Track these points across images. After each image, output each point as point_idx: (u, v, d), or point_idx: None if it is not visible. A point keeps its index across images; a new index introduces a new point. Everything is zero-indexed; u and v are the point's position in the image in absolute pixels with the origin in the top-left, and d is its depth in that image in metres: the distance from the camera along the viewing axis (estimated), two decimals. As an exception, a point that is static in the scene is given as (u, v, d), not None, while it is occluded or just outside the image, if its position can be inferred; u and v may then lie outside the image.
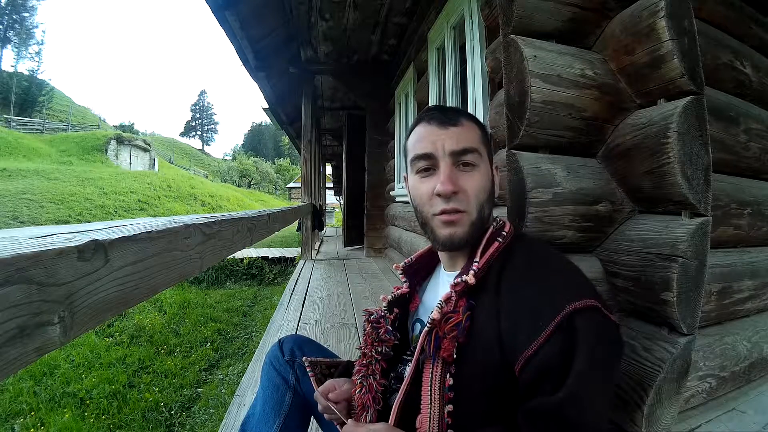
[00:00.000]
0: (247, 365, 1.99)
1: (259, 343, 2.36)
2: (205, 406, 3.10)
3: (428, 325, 0.62)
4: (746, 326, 1.21)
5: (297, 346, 0.91)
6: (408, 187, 0.74)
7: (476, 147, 0.68)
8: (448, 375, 0.60)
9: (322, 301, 2.99)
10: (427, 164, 0.68)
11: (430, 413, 0.60)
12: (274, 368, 0.89)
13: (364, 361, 0.74)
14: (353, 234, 6.07)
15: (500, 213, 0.83)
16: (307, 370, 0.82)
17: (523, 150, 0.97)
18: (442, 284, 0.75)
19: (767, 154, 1.30)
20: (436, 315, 0.61)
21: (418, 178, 0.70)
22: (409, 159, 0.72)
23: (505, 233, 0.68)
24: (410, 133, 0.73)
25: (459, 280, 0.63)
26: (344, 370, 0.85)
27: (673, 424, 0.88)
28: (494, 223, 0.70)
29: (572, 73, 0.97)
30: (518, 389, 0.56)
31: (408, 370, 0.66)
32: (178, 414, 3.09)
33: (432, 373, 0.61)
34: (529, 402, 0.54)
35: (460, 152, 0.66)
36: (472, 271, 0.62)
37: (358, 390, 0.72)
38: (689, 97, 0.85)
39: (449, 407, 0.59)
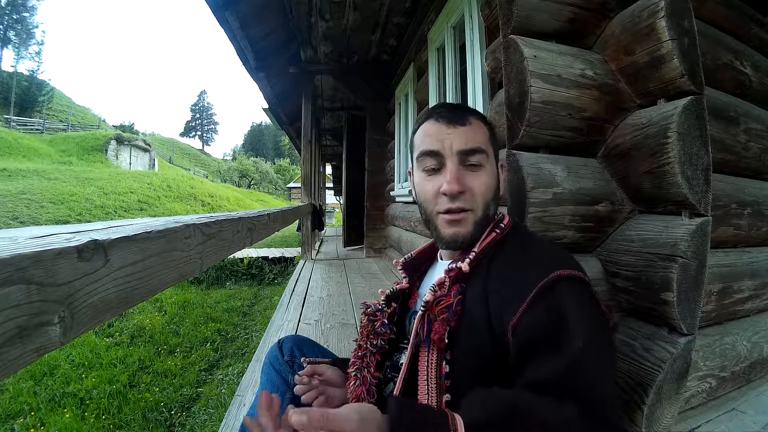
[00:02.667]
0: (247, 365, 1.99)
1: (259, 343, 2.36)
2: (205, 406, 3.10)
3: (422, 308, 0.62)
4: (746, 326, 1.21)
5: (297, 347, 0.91)
6: (413, 182, 0.74)
7: (483, 147, 0.68)
8: (444, 362, 0.60)
9: (322, 301, 2.99)
10: (434, 162, 0.68)
11: (428, 403, 0.59)
12: (274, 368, 0.89)
13: (359, 353, 0.74)
14: (353, 234, 6.06)
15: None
16: (307, 370, 0.82)
17: (523, 150, 0.97)
18: (438, 274, 0.75)
19: (767, 154, 1.30)
20: (429, 297, 0.62)
21: (424, 175, 0.69)
22: (415, 155, 0.71)
23: (503, 225, 0.69)
24: (417, 128, 0.73)
25: (453, 266, 0.64)
26: (340, 366, 0.84)
27: (673, 424, 0.88)
28: (495, 217, 0.71)
29: (572, 74, 0.97)
30: (510, 363, 0.54)
31: (405, 359, 0.65)
32: (178, 414, 3.08)
33: (428, 361, 0.61)
34: (531, 369, 0.50)
35: (468, 152, 0.66)
36: (467, 259, 0.63)
37: (352, 382, 0.72)
38: (689, 97, 0.85)
39: (447, 396, 0.59)
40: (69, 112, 35.08)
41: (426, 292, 0.77)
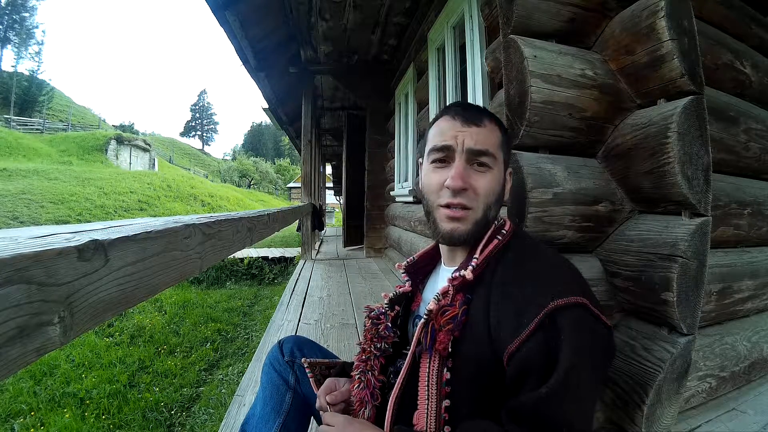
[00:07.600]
0: (247, 365, 1.99)
1: (259, 343, 2.36)
2: (205, 406, 3.10)
3: (425, 317, 0.62)
4: (746, 326, 1.21)
5: (297, 347, 0.91)
6: (420, 174, 0.75)
7: (493, 151, 0.68)
8: (445, 369, 0.60)
9: (322, 301, 2.99)
10: (443, 156, 0.68)
11: (427, 409, 0.60)
12: (275, 369, 0.89)
13: (363, 357, 0.74)
14: (353, 234, 6.06)
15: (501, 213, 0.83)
16: (306, 371, 0.82)
17: (523, 150, 0.97)
18: (441, 279, 0.75)
19: (767, 154, 1.30)
20: (432, 306, 0.62)
21: (432, 167, 0.70)
22: (427, 148, 0.72)
23: (504, 231, 0.69)
24: (432, 123, 0.74)
25: (457, 274, 0.64)
26: (341, 370, 0.85)
27: (673, 424, 0.88)
28: (496, 222, 0.71)
29: (572, 73, 0.97)
30: (506, 380, 0.56)
31: (404, 364, 0.66)
32: (178, 414, 3.08)
33: (429, 367, 0.61)
34: (513, 399, 0.54)
35: (477, 152, 0.67)
36: (470, 267, 0.63)
37: (356, 385, 0.73)
38: (689, 97, 0.85)
39: (446, 402, 0.60)
40: (69, 112, 35.00)
41: (429, 296, 0.77)
